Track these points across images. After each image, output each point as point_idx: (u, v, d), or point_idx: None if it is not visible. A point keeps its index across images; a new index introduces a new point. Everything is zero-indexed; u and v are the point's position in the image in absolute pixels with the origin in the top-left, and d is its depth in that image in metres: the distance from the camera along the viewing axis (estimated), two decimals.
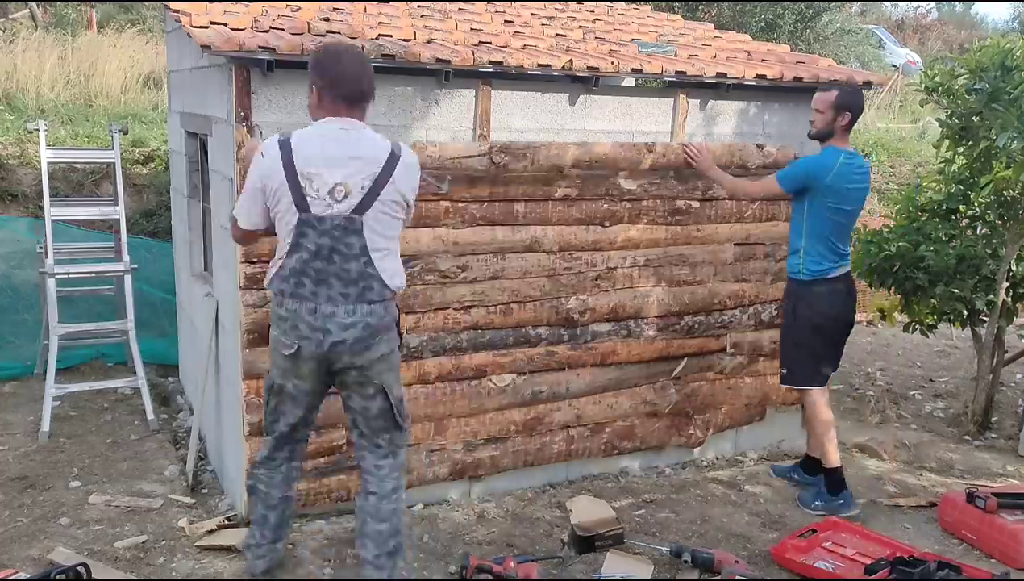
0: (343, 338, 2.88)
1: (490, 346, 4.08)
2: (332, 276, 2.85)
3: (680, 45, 4.83)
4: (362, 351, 2.92)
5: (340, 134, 2.86)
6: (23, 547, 3.53)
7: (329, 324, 2.87)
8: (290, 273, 2.88)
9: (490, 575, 3.28)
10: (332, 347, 2.89)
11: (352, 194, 2.81)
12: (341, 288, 2.86)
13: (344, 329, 2.87)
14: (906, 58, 18.64)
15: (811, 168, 4.05)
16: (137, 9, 14.22)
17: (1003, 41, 5.02)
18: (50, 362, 4.87)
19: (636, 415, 4.53)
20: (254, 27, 3.67)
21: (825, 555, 3.61)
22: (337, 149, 2.83)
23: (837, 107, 4.02)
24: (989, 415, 5.61)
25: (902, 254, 5.35)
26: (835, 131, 4.07)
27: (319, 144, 2.84)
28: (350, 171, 2.82)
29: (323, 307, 2.86)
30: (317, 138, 2.86)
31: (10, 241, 6.11)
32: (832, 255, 4.10)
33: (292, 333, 2.91)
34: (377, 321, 2.92)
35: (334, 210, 2.80)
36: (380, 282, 2.90)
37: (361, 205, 2.82)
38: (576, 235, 4.19)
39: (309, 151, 2.82)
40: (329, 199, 2.80)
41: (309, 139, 2.86)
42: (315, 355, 2.91)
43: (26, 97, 8.86)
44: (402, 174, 2.90)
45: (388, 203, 2.88)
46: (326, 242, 2.82)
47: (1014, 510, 3.89)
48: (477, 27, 4.50)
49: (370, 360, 2.95)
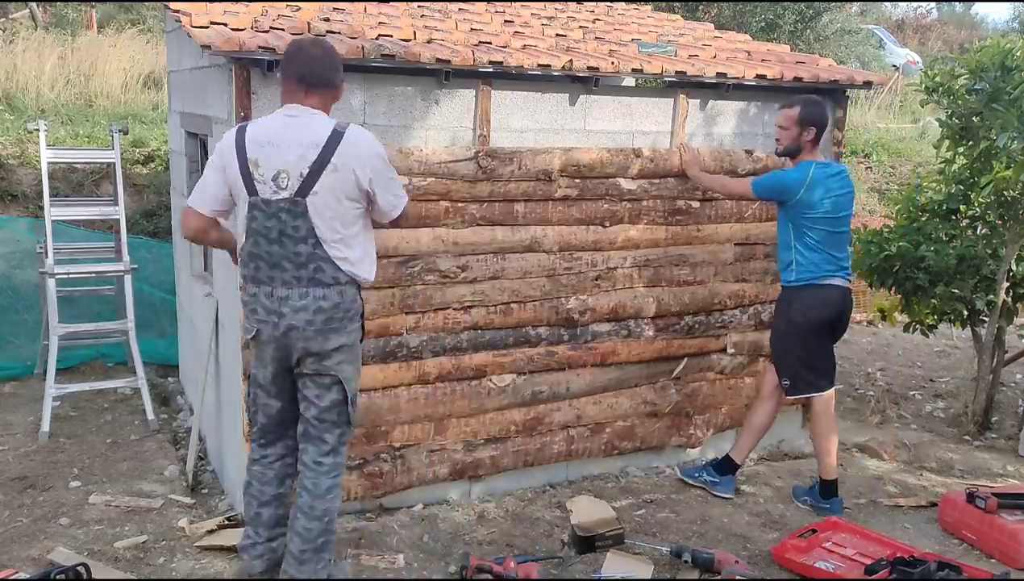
0: (295, 322, 2.90)
1: (490, 346, 4.08)
2: (284, 259, 2.88)
3: (680, 45, 4.83)
4: (315, 336, 2.91)
5: (288, 120, 2.90)
6: (23, 547, 3.53)
7: (284, 307, 2.90)
8: (248, 257, 2.94)
9: (490, 575, 3.28)
10: (287, 331, 2.90)
11: (292, 178, 2.83)
12: (294, 271, 2.88)
13: (296, 311, 2.89)
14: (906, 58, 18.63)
15: (783, 183, 4.05)
16: (137, 9, 14.22)
17: (1003, 41, 5.02)
18: (50, 362, 4.87)
19: (636, 415, 4.53)
20: (254, 27, 3.67)
21: (825, 555, 3.61)
22: (281, 135, 2.86)
23: (801, 122, 4.02)
24: (989, 415, 5.61)
25: (902, 254, 5.35)
26: (802, 146, 4.07)
27: (267, 130, 2.89)
28: (291, 157, 2.83)
29: (278, 290, 2.90)
30: (267, 124, 2.92)
31: (10, 241, 6.11)
32: (827, 265, 4.06)
33: (252, 317, 2.97)
34: (331, 306, 2.91)
35: (280, 195, 2.84)
36: (332, 265, 2.89)
37: (302, 189, 2.83)
38: (576, 235, 4.19)
39: (257, 137, 2.88)
40: (274, 185, 2.84)
41: (261, 125, 2.93)
42: (273, 338, 2.94)
43: (26, 97, 8.86)
44: (348, 152, 2.85)
45: (334, 189, 2.85)
46: (274, 225, 2.85)
47: (1014, 510, 3.88)
48: (477, 27, 4.50)
49: (325, 348, 2.94)
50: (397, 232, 3.78)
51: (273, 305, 2.91)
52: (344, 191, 2.87)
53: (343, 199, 2.88)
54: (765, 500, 4.35)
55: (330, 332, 2.94)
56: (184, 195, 4.99)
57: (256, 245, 2.90)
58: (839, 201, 4.04)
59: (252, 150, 2.87)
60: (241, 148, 2.88)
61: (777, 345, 4.28)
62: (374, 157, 2.93)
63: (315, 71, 2.92)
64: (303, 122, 2.88)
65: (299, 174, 2.83)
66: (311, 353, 2.94)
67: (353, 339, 3.03)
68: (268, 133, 2.88)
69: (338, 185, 2.85)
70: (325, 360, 2.96)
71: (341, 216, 2.90)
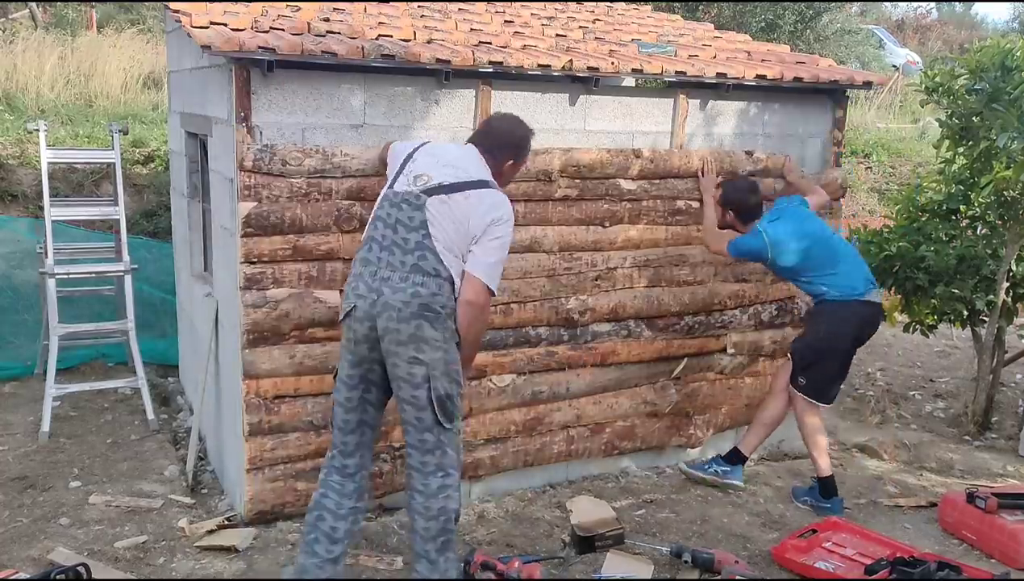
0: (391, 300, 2.95)
1: (490, 346, 4.07)
2: (393, 244, 3.02)
3: (680, 45, 4.83)
4: (408, 319, 2.93)
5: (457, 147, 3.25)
6: (23, 547, 3.53)
7: (384, 286, 2.98)
8: (365, 240, 3.12)
9: (493, 573, 3.28)
10: (383, 308, 2.95)
11: (430, 181, 3.05)
12: (400, 256, 3.00)
13: (394, 292, 2.96)
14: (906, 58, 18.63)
15: (751, 253, 4.23)
16: (137, 9, 14.22)
17: (1003, 41, 5.03)
18: (50, 362, 4.87)
19: (636, 415, 4.53)
20: (254, 27, 3.67)
21: (825, 555, 3.61)
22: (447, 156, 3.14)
23: (722, 205, 4.28)
24: (989, 415, 5.61)
25: (902, 254, 5.36)
26: (731, 224, 4.28)
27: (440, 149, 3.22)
28: (441, 171, 3.08)
29: (382, 271, 3.01)
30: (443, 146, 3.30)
31: (10, 241, 6.11)
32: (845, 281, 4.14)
33: (352, 293, 3.05)
34: (428, 295, 2.95)
35: (410, 188, 3.05)
36: (435, 256, 2.99)
37: (430, 189, 3.03)
38: (576, 235, 4.19)
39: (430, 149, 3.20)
40: (409, 180, 3.08)
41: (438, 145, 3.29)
42: (367, 314, 2.97)
43: (26, 97, 8.86)
44: (481, 196, 3.06)
45: (453, 210, 3.01)
46: (394, 212, 3.04)
47: (1014, 510, 3.88)
48: (477, 27, 4.50)
49: (416, 336, 2.93)
50: None
51: (375, 283, 3.00)
52: (458, 220, 3.03)
53: (455, 223, 3.03)
54: (765, 500, 4.35)
55: (423, 321, 2.94)
56: (184, 195, 5.00)
57: (375, 229, 3.07)
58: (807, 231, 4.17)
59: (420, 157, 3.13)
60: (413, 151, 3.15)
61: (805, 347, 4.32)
62: (495, 217, 3.07)
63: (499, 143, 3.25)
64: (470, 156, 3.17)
65: (438, 181, 3.05)
66: (402, 341, 2.93)
67: (448, 343, 3.01)
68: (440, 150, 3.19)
69: (459, 212, 3.03)
70: (417, 354, 2.94)
71: (448, 231, 3.03)
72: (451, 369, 3.02)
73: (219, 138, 3.87)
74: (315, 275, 3.66)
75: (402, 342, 2.94)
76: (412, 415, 3.02)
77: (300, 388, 3.73)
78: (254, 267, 3.57)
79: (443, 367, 2.99)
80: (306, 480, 3.78)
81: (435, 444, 3.03)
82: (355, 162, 3.65)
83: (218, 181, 3.97)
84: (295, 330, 3.65)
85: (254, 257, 3.56)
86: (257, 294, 3.58)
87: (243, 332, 3.59)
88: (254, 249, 3.54)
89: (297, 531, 3.73)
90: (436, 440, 3.03)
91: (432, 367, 2.96)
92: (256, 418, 3.65)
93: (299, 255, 3.62)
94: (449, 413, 3.03)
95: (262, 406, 3.66)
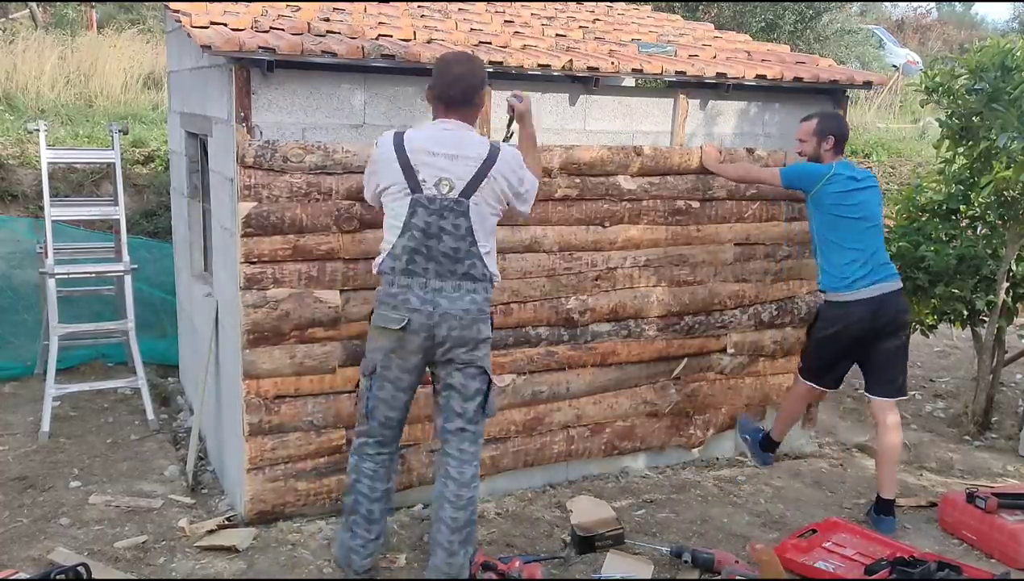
0: (451, 310, 3.10)
1: None
2: (440, 254, 3.09)
3: (680, 45, 4.83)
4: (469, 325, 3.12)
5: (441, 131, 3.15)
6: (23, 547, 3.53)
7: (439, 298, 3.10)
8: (402, 250, 3.11)
9: (494, 573, 3.28)
10: (441, 319, 3.09)
11: (455, 183, 3.08)
12: (449, 265, 3.10)
13: (452, 302, 3.10)
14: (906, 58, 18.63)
15: (806, 171, 4.12)
16: (137, 9, 14.22)
17: (1003, 41, 5.02)
18: (50, 362, 4.87)
19: (636, 415, 4.53)
20: (254, 27, 3.67)
21: (825, 555, 3.62)
22: (440, 145, 3.10)
23: (819, 133, 4.10)
24: (989, 415, 5.61)
25: (902, 254, 5.35)
26: (822, 157, 4.13)
27: (425, 138, 3.13)
28: (456, 166, 3.08)
29: (432, 282, 3.10)
30: (424, 134, 3.17)
31: (10, 241, 6.11)
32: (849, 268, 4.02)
33: (403, 307, 3.12)
34: (482, 299, 3.16)
35: (444, 194, 3.07)
36: (483, 262, 3.14)
37: (465, 191, 3.08)
38: (576, 235, 4.19)
39: (418, 144, 3.11)
40: (435, 190, 3.07)
41: (418, 134, 3.17)
42: (425, 326, 3.10)
43: (26, 97, 8.86)
44: (502, 171, 3.14)
45: (487, 196, 3.12)
46: (435, 221, 3.07)
47: (1014, 510, 3.88)
48: (477, 27, 4.50)
49: (475, 339, 3.14)
50: None
51: (428, 295, 3.10)
52: (492, 203, 3.16)
53: (491, 208, 3.16)
54: (765, 500, 4.35)
55: (480, 324, 3.15)
56: (184, 195, 4.99)
57: (415, 240, 3.09)
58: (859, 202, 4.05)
59: (412, 154, 3.09)
60: (401, 151, 3.10)
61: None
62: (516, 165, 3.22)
63: (451, 92, 3.15)
64: (457, 136, 3.14)
65: (461, 181, 3.08)
66: (462, 343, 3.13)
67: (490, 334, 3.24)
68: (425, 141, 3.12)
69: (489, 194, 3.13)
70: (474, 351, 3.16)
71: (487, 220, 3.16)
72: (489, 362, 3.25)
73: (219, 138, 3.88)
74: (315, 275, 3.66)
75: (464, 345, 3.12)
76: (459, 404, 3.19)
77: (300, 388, 3.73)
78: (254, 267, 3.57)
79: (489, 360, 3.24)
80: (307, 480, 3.78)
81: (475, 434, 3.22)
82: (356, 159, 3.65)
83: (218, 181, 3.97)
84: (295, 330, 3.65)
85: (254, 257, 3.55)
86: (257, 294, 3.58)
87: (243, 332, 3.59)
88: (254, 249, 3.54)
89: (297, 531, 3.73)
90: (476, 430, 3.23)
91: (484, 361, 3.19)
92: (256, 418, 3.65)
93: (299, 255, 3.62)
94: (491, 404, 3.27)
95: (262, 406, 3.66)
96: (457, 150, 3.10)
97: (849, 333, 4.07)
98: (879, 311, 4.02)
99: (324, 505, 3.86)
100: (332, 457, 3.83)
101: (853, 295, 4.02)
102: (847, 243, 4.03)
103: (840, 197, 4.00)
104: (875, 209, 4.11)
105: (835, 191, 4.00)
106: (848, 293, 4.02)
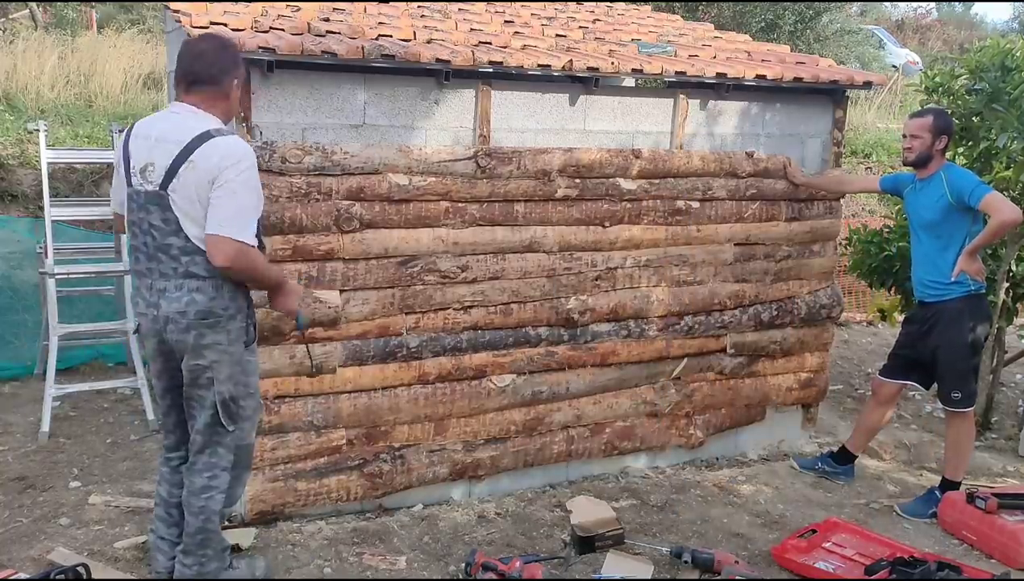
0: (169, 313, 2.87)
1: (490, 346, 4.08)
2: (158, 251, 2.86)
3: (680, 45, 4.83)
4: (186, 329, 2.87)
5: (166, 115, 2.93)
6: (23, 547, 3.53)
7: (161, 299, 2.88)
8: (131, 250, 2.97)
9: (494, 573, 3.28)
10: (164, 323, 2.88)
11: (157, 172, 2.80)
12: (170, 263, 2.86)
13: (171, 303, 2.86)
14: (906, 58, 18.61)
15: (900, 176, 4.41)
16: (137, 9, 14.22)
17: (1003, 41, 5.03)
18: (50, 362, 4.87)
19: (636, 415, 4.53)
20: (254, 27, 3.68)
21: (825, 555, 3.61)
22: (155, 130, 2.86)
23: (935, 131, 4.08)
24: (989, 415, 5.61)
25: (902, 254, 5.35)
26: (933, 155, 4.12)
27: (147, 126, 2.91)
28: (158, 151, 2.81)
29: (157, 282, 2.89)
30: (149, 120, 2.94)
31: (10, 241, 6.10)
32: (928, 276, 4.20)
33: (135, 311, 3.03)
34: (206, 301, 2.87)
35: (146, 187, 2.83)
36: (204, 257, 2.83)
37: (164, 182, 2.80)
38: (576, 235, 4.19)
39: (138, 131, 2.90)
40: (140, 178, 2.85)
41: (145, 120, 2.95)
42: (152, 330, 2.95)
43: (26, 97, 8.85)
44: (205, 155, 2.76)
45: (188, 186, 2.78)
46: (144, 216, 2.85)
47: (1014, 510, 3.89)
48: (477, 27, 4.50)
49: (198, 344, 2.89)
50: (398, 231, 3.79)
51: (152, 297, 2.90)
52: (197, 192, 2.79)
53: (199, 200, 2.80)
54: (765, 500, 4.35)
55: (204, 328, 2.88)
56: None
57: (135, 237, 2.91)
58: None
59: (131, 144, 2.88)
60: (125, 144, 2.90)
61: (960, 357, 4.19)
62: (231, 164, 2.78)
63: (183, 70, 2.88)
64: (176, 120, 2.86)
65: (163, 167, 2.79)
66: (186, 349, 2.90)
67: (232, 338, 2.95)
68: (147, 127, 2.89)
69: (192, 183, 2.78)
70: (198, 359, 2.91)
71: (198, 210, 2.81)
72: (235, 371, 2.99)
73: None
74: (315, 275, 3.66)
75: (186, 351, 2.92)
76: (195, 412, 3.02)
77: (300, 388, 3.74)
78: None
79: (227, 371, 2.96)
80: (307, 480, 3.78)
81: (204, 444, 3.03)
82: (355, 160, 3.65)
83: None
84: (295, 330, 3.65)
85: None
86: (256, 294, 3.57)
87: None
88: None
89: (298, 531, 3.73)
90: (206, 440, 3.03)
91: (216, 371, 2.93)
92: None
93: (299, 255, 3.62)
94: (233, 415, 3.02)
95: (262, 406, 3.66)
96: (165, 135, 2.81)
97: None
98: None
99: (324, 505, 3.86)
100: (332, 457, 3.83)
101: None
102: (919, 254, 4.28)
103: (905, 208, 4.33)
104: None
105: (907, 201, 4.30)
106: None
